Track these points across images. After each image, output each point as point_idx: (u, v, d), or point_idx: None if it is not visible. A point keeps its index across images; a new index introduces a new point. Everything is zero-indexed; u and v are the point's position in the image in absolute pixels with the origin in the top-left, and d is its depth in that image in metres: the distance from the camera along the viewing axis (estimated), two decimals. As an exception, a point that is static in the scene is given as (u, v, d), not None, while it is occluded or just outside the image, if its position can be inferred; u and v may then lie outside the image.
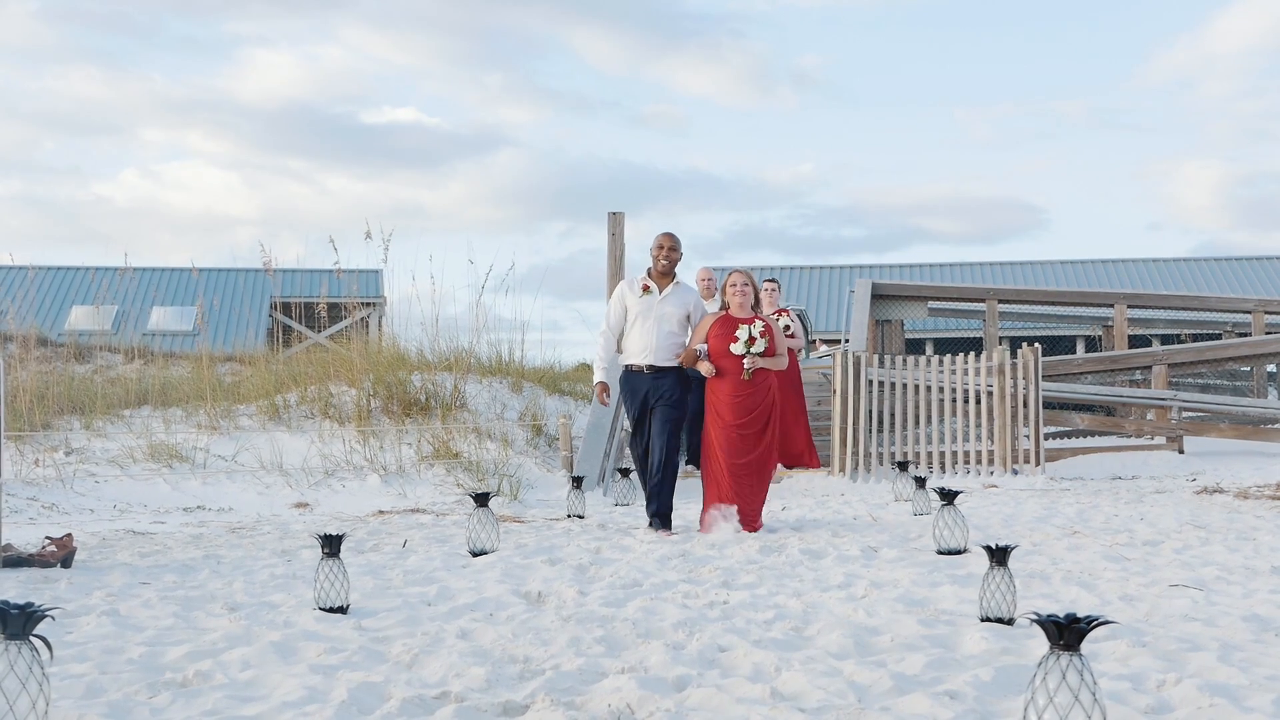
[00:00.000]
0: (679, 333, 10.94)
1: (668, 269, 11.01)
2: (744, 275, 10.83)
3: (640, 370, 10.88)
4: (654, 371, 10.84)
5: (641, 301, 10.94)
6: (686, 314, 11.00)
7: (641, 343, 10.89)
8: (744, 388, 10.54)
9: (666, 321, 10.88)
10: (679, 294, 11.03)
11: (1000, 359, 16.25)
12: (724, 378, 10.56)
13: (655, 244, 11.10)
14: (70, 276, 40.23)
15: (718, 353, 10.58)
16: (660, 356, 10.84)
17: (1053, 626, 4.08)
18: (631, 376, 10.94)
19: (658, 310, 10.89)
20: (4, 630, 4.25)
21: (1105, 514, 11.36)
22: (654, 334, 10.85)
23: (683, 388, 10.90)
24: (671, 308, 10.94)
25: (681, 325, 10.96)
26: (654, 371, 10.84)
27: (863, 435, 16.15)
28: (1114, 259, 43.04)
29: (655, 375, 10.84)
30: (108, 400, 17.67)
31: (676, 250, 11.06)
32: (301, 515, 13.35)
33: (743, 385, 10.53)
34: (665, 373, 10.84)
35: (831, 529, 10.54)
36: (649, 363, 10.84)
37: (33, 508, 13.33)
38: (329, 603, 6.85)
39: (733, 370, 10.55)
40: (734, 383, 10.54)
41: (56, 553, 8.92)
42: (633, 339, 10.95)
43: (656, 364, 10.83)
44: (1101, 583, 7.57)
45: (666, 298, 10.95)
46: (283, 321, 35.06)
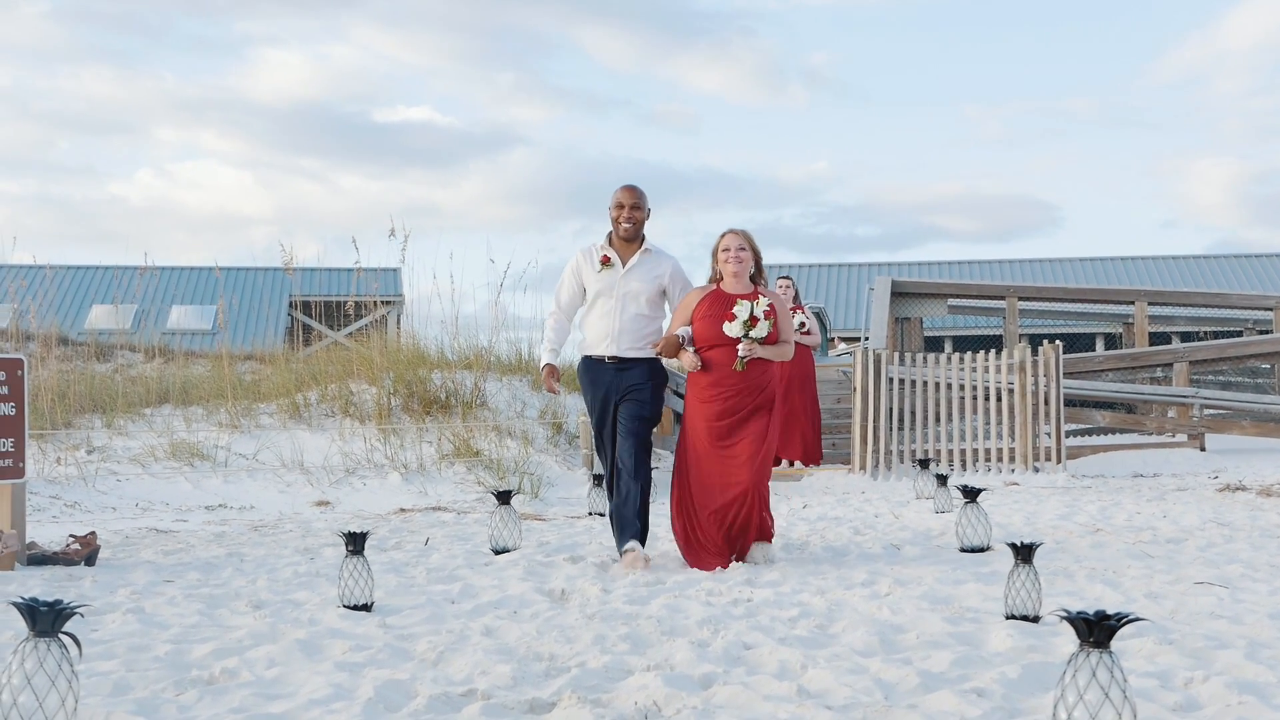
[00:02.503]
0: (651, 314, 8.86)
1: (632, 233, 8.84)
2: (740, 236, 8.65)
3: (600, 361, 8.82)
4: (618, 363, 8.77)
5: (601, 277, 8.84)
6: (660, 289, 8.87)
7: (602, 328, 8.82)
8: (732, 382, 8.41)
9: (633, 300, 8.78)
10: (649, 264, 8.87)
11: (1021, 356, 16.22)
12: (707, 370, 8.49)
13: (613, 202, 8.88)
14: (90, 275, 40.35)
15: (706, 338, 8.47)
16: (626, 344, 8.77)
17: (1082, 623, 4.07)
18: (591, 368, 8.87)
19: (622, 287, 8.79)
20: (34, 627, 4.26)
21: (1127, 512, 11.33)
22: (617, 317, 8.79)
23: (655, 380, 8.84)
24: (639, 283, 8.79)
25: (654, 304, 8.87)
26: (618, 363, 8.77)
27: (883, 433, 16.12)
28: (1132, 256, 42.92)
29: (619, 366, 8.77)
30: (129, 399, 17.70)
31: (640, 208, 8.85)
32: (323, 513, 13.37)
33: (731, 379, 8.40)
34: (633, 364, 8.77)
35: (853, 527, 10.52)
36: (611, 353, 8.76)
37: (55, 506, 13.37)
38: (353, 600, 6.86)
39: (720, 360, 8.45)
40: (718, 375, 8.45)
41: (80, 551, 8.95)
42: (592, 323, 8.92)
43: (621, 354, 8.76)
44: (1126, 580, 7.56)
45: (632, 271, 8.81)
46: (302, 320, 35.11)
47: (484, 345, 18.91)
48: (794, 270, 42.77)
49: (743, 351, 8.40)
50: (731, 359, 8.42)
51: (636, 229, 8.89)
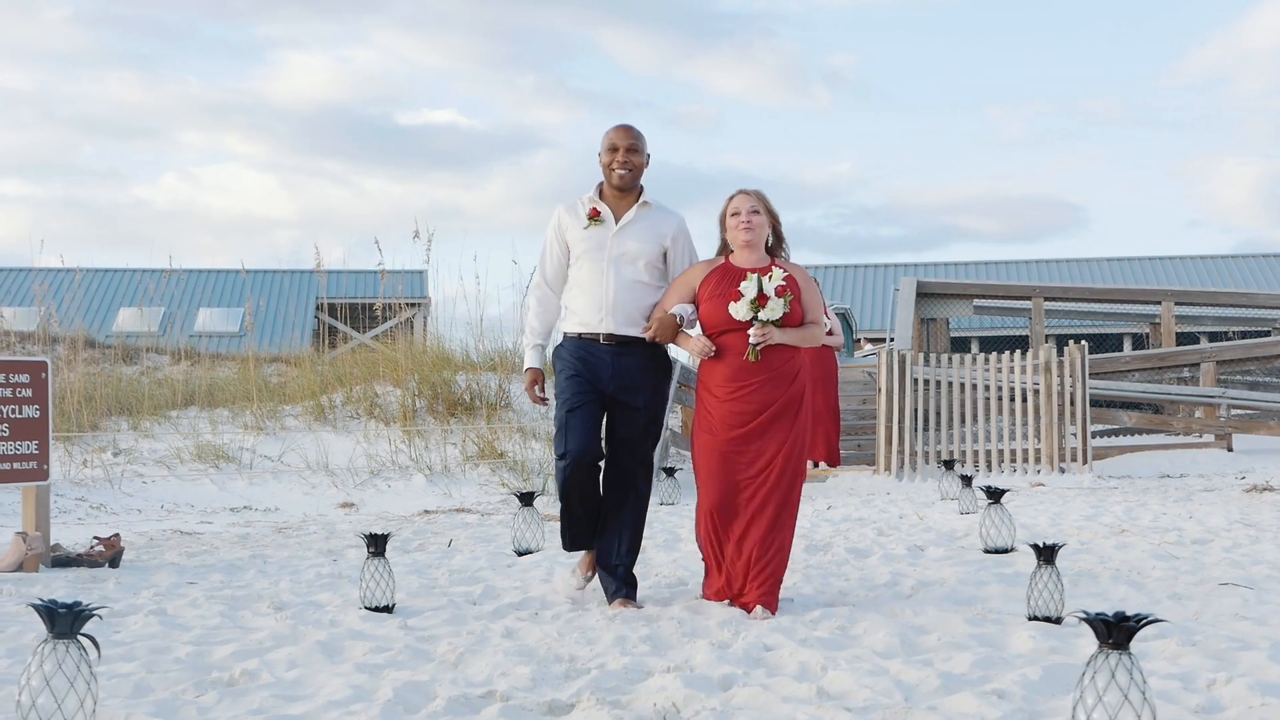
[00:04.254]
0: (652, 283, 7.18)
1: (628, 181, 7.17)
2: (752, 197, 7.10)
3: (593, 340, 7.12)
4: (615, 344, 7.09)
5: (588, 234, 7.16)
6: (662, 251, 7.20)
7: (592, 297, 7.12)
8: (749, 375, 6.88)
9: (629, 264, 7.12)
10: (649, 221, 7.20)
11: (1046, 357, 16.16)
12: (721, 359, 6.95)
13: (604, 144, 7.23)
14: (117, 278, 40.53)
15: (714, 323, 6.92)
16: (623, 318, 7.08)
17: (1101, 625, 4.05)
18: (578, 350, 7.15)
19: (614, 246, 7.12)
20: (52, 629, 4.28)
21: (1153, 512, 11.28)
22: (610, 282, 7.09)
23: (661, 372, 7.25)
24: (636, 242, 7.13)
25: (655, 271, 7.21)
26: (615, 344, 7.09)
27: (908, 434, 16.08)
28: (1158, 256, 42.79)
29: (618, 350, 7.09)
30: (155, 401, 17.77)
31: (638, 151, 7.20)
32: (347, 515, 13.39)
33: (747, 371, 6.87)
34: (633, 347, 7.10)
35: (877, 528, 10.49)
36: (607, 330, 7.08)
37: (81, 508, 13.42)
38: (375, 602, 6.86)
39: (735, 348, 6.92)
40: (734, 366, 6.89)
41: (104, 552, 8.98)
42: (578, 293, 7.20)
43: (618, 332, 7.08)
44: (1150, 581, 7.52)
45: (628, 228, 7.15)
46: (328, 322, 35.22)
47: (508, 347, 18.92)
48: (818, 271, 42.73)
49: (754, 338, 6.81)
50: (742, 344, 6.89)
51: (634, 176, 7.21)
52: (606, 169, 7.23)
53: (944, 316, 23.54)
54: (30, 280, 29.58)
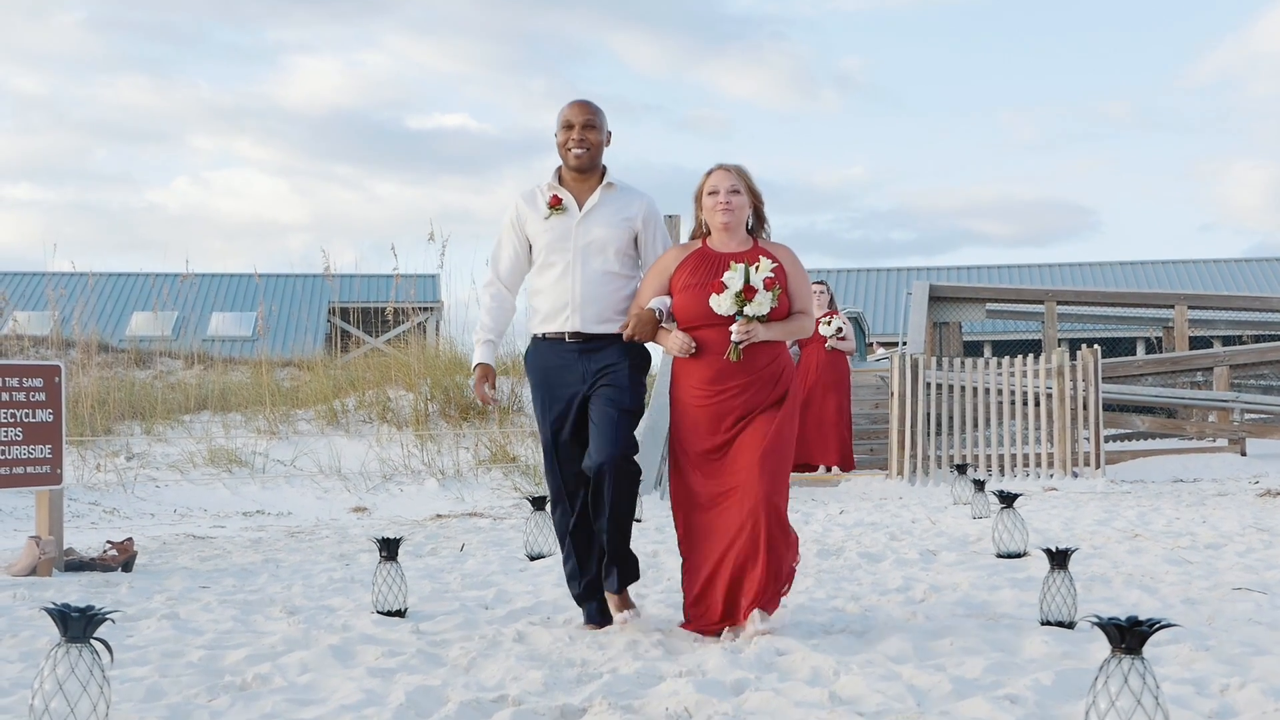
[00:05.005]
0: (623, 272, 6.60)
1: (586, 161, 6.57)
2: (731, 174, 6.42)
3: (560, 340, 6.55)
4: (583, 342, 6.51)
5: (550, 225, 6.59)
6: (631, 235, 6.61)
7: (558, 294, 6.54)
8: (729, 376, 6.22)
9: (597, 253, 6.53)
10: (615, 203, 6.62)
11: (1059, 361, 16.14)
12: (698, 357, 6.28)
13: (559, 122, 6.65)
14: (131, 283, 40.60)
15: (690, 316, 6.28)
16: (593, 314, 6.50)
17: (1114, 629, 4.04)
18: (546, 357, 6.61)
19: (580, 236, 6.54)
20: (65, 633, 4.28)
21: (1167, 517, 11.26)
22: (577, 276, 6.51)
23: (635, 365, 6.58)
24: (603, 228, 6.55)
25: (625, 258, 6.61)
26: (583, 342, 6.51)
27: (921, 438, 16.06)
28: (1171, 260, 42.73)
29: (586, 349, 6.50)
30: (168, 405, 17.80)
31: (595, 127, 6.60)
32: (360, 519, 13.40)
33: (727, 371, 6.21)
34: (604, 345, 6.50)
35: (889, 532, 10.48)
36: (574, 328, 6.50)
37: (94, 512, 13.44)
38: (387, 606, 6.87)
39: (714, 345, 6.25)
40: (713, 366, 6.24)
41: (117, 557, 8.99)
42: (544, 290, 6.63)
43: (587, 330, 6.49)
44: (1163, 586, 7.50)
45: (593, 213, 6.56)
46: (341, 326, 35.26)
47: (520, 351, 18.92)
48: (830, 275, 42.71)
49: (737, 336, 6.15)
50: (723, 340, 6.22)
51: (592, 156, 6.60)
52: (562, 149, 6.63)
53: (956, 320, 23.51)
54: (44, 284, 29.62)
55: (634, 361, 6.59)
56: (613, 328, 6.53)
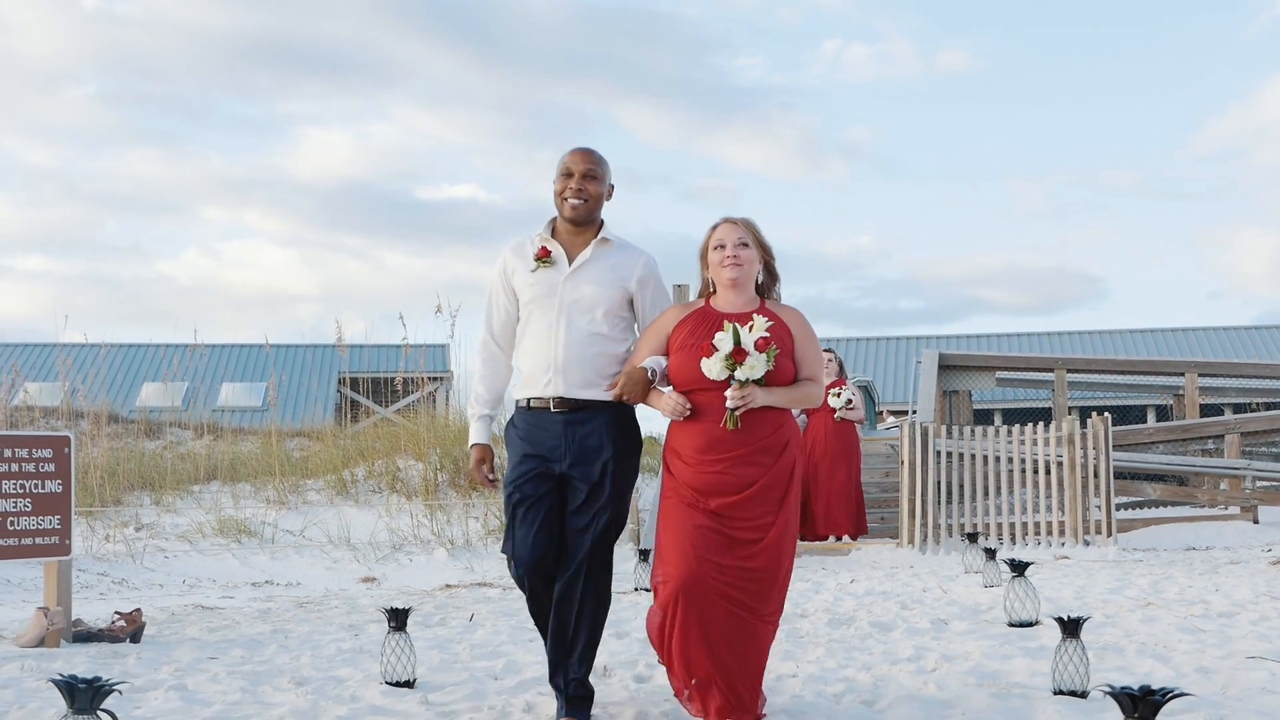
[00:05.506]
0: (613, 334, 6.05)
1: (583, 214, 6.08)
2: (739, 227, 5.94)
3: (543, 410, 6.01)
4: (569, 411, 5.96)
5: (537, 278, 6.06)
6: (625, 298, 6.08)
7: (539, 355, 6.02)
8: (727, 446, 5.68)
9: (583, 313, 6.00)
10: (610, 261, 6.11)
11: (1070, 429, 16.10)
12: (694, 422, 5.75)
13: (559, 170, 6.14)
14: (141, 354, 40.69)
15: (684, 376, 5.76)
16: (577, 379, 5.96)
17: (1127, 699, 4.01)
18: (526, 425, 6.08)
19: (567, 292, 6.01)
20: (72, 705, 4.27)
21: (1179, 585, 11.20)
22: (561, 337, 5.97)
23: (625, 442, 6.04)
24: (594, 286, 6.02)
25: (617, 321, 6.07)
26: (569, 411, 5.96)
27: (931, 507, 16.01)
28: (1181, 328, 42.76)
29: (570, 419, 5.96)
30: (177, 476, 17.80)
31: (598, 178, 6.11)
32: (369, 589, 13.36)
33: (725, 440, 5.67)
34: (590, 414, 5.97)
35: (900, 601, 10.43)
36: (555, 393, 5.96)
37: (103, 583, 13.42)
38: (396, 677, 6.84)
39: (711, 410, 5.72)
40: (710, 434, 5.69)
41: (125, 628, 8.97)
42: (525, 350, 6.12)
43: (571, 395, 5.95)
44: (1177, 655, 7.46)
45: (584, 269, 6.05)
46: (351, 396, 35.30)
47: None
48: (839, 344, 42.75)
49: (731, 401, 5.62)
50: (723, 407, 5.69)
51: (590, 208, 6.09)
52: (558, 198, 6.12)
53: (966, 389, 23.50)
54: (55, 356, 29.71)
55: (623, 444, 5.99)
56: (599, 394, 5.95)
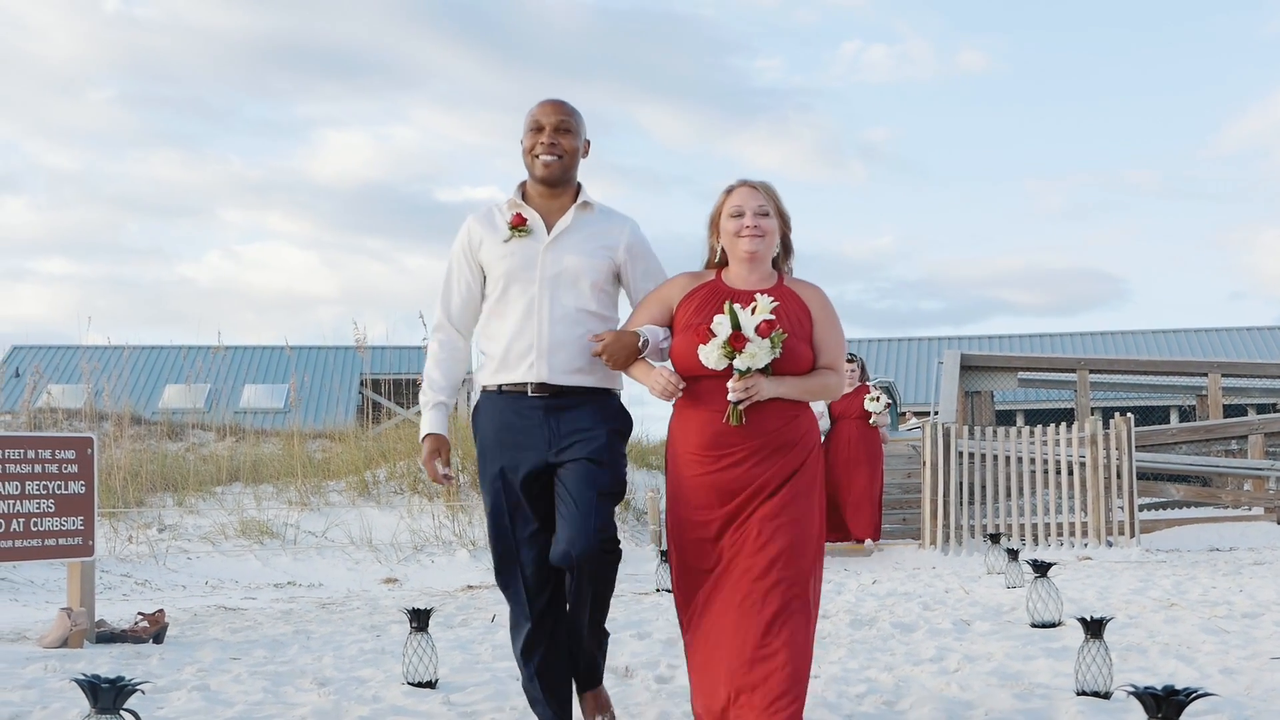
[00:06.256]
0: (600, 311, 5.41)
1: (556, 172, 5.41)
2: (759, 192, 5.24)
3: (518, 395, 5.34)
4: (551, 396, 5.31)
5: (511, 249, 5.38)
6: (612, 268, 5.46)
7: (518, 334, 5.34)
8: (733, 441, 5.01)
9: (568, 287, 5.35)
10: (594, 227, 5.47)
11: (1092, 429, 16.06)
12: (696, 413, 5.10)
13: (528, 123, 5.45)
14: (163, 356, 40.82)
15: (686, 362, 5.08)
16: (562, 362, 5.30)
17: (1150, 699, 4.00)
18: (501, 413, 5.38)
19: (548, 264, 5.35)
20: (95, 704, 4.28)
21: (1203, 586, 11.16)
22: (544, 314, 5.31)
23: (615, 430, 5.41)
24: (577, 256, 5.37)
25: (603, 295, 5.43)
26: (551, 396, 5.31)
27: (954, 508, 15.98)
28: (1204, 328, 42.64)
29: (554, 406, 5.31)
30: (200, 477, 17.84)
31: (570, 131, 5.43)
32: (390, 590, 13.38)
33: (731, 435, 5.01)
34: (576, 403, 5.34)
35: (923, 602, 10.41)
36: (537, 378, 5.29)
37: (126, 584, 13.45)
38: (417, 677, 6.84)
39: (715, 400, 5.03)
40: (713, 428, 5.04)
41: (148, 628, 8.99)
42: (500, 330, 5.40)
43: (555, 380, 5.30)
44: (1200, 656, 7.43)
45: (564, 237, 5.40)
46: (372, 398, 35.38)
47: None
48: (861, 345, 42.70)
49: (734, 394, 4.93)
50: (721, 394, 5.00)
51: (565, 166, 5.42)
52: (528, 156, 5.43)
53: (988, 389, 23.45)
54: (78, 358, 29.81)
55: (613, 426, 5.39)
56: (588, 379, 5.32)
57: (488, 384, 5.42)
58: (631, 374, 5.25)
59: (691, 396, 5.10)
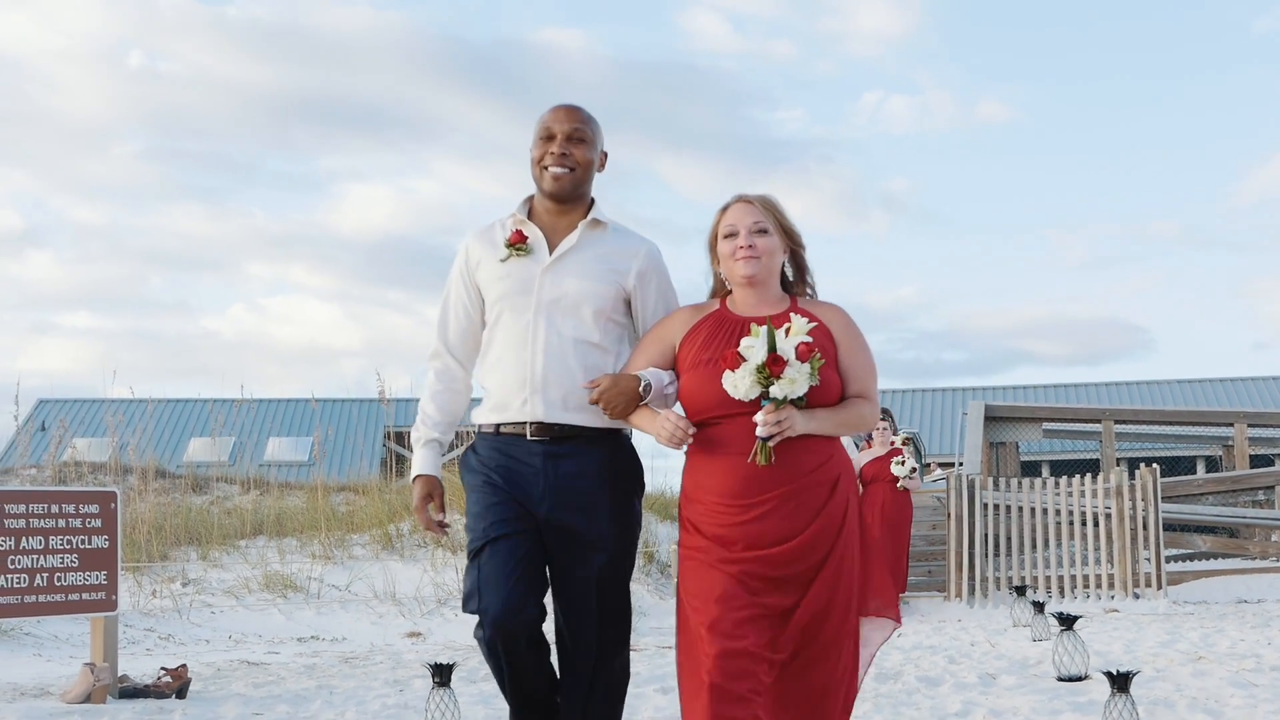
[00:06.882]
0: (604, 344, 4.78)
1: (567, 187, 4.81)
2: (755, 208, 4.67)
3: (515, 437, 4.75)
4: (549, 440, 4.70)
5: (509, 269, 4.81)
6: (622, 295, 4.82)
7: (512, 366, 4.76)
8: (758, 488, 4.40)
9: (568, 314, 4.74)
10: (603, 248, 4.83)
11: (1118, 480, 16.00)
12: (711, 460, 4.47)
13: (539, 131, 4.87)
14: (188, 409, 40.96)
15: (701, 401, 4.50)
16: (560, 398, 4.70)
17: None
18: (495, 454, 4.79)
19: (547, 287, 4.76)
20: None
21: (1231, 639, 11.09)
22: (540, 344, 4.72)
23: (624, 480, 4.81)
24: (581, 279, 4.76)
25: (609, 324, 4.79)
26: (549, 440, 4.70)
27: (979, 560, 15.91)
28: (1228, 378, 42.50)
29: (552, 450, 4.70)
30: (224, 531, 17.85)
31: (584, 141, 4.83)
32: (414, 645, 13.35)
33: (755, 481, 4.39)
34: (577, 444, 4.72)
35: (948, 655, 10.35)
36: (533, 417, 4.70)
37: (149, 638, 13.45)
38: (440, 733, 6.82)
39: (734, 443, 4.41)
40: (735, 474, 4.41)
41: (172, 684, 8.98)
42: (494, 363, 4.84)
43: (553, 419, 4.70)
44: (1229, 710, 7.37)
45: (568, 258, 4.79)
46: (396, 450, 35.43)
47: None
48: (886, 397, 42.64)
49: (763, 429, 4.32)
50: (744, 436, 4.39)
51: (576, 179, 4.83)
52: (537, 167, 4.87)
53: (1013, 440, 23.41)
54: (103, 411, 29.95)
55: (622, 487, 4.78)
56: (589, 418, 4.69)
57: (483, 424, 4.84)
58: (634, 423, 4.65)
59: (705, 443, 4.48)
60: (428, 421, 4.98)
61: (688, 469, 4.57)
